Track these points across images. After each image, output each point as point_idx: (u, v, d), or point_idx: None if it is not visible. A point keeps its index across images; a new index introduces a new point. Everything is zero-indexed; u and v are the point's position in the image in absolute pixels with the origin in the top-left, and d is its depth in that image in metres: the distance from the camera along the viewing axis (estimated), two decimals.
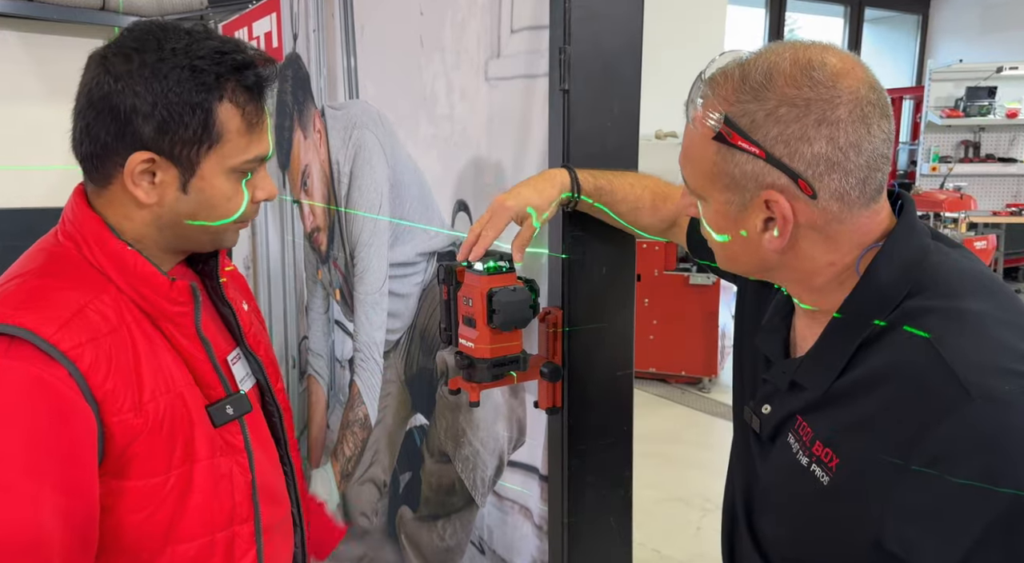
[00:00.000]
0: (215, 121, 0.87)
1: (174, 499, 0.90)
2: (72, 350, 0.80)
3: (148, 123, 0.85)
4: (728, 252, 0.83)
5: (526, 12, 1.20)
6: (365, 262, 1.78)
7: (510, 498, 1.39)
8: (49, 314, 0.81)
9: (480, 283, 1.06)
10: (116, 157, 0.87)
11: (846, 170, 0.72)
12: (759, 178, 0.73)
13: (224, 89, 0.88)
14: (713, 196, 0.78)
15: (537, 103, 1.19)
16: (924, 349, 0.69)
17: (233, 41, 0.91)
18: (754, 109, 0.72)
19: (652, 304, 4.39)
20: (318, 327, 2.12)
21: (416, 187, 1.58)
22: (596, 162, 1.15)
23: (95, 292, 0.87)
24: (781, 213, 0.73)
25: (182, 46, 0.86)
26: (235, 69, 0.88)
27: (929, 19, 8.76)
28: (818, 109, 0.70)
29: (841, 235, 0.76)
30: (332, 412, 2.08)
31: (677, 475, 3.48)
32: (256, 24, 2.31)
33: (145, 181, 0.88)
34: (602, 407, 1.22)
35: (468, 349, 1.10)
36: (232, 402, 0.97)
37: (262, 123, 0.92)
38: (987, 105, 7.23)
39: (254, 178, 0.95)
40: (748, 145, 0.72)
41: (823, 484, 0.76)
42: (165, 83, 0.85)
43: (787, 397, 0.83)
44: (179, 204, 0.90)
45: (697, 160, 0.78)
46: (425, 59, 1.48)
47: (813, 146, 0.71)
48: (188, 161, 0.88)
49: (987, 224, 6.76)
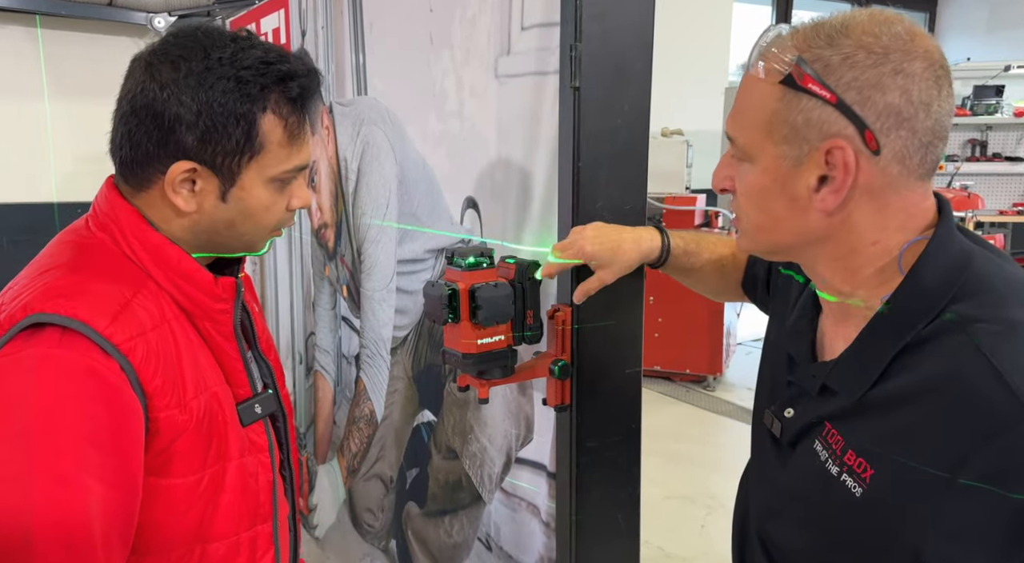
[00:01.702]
0: (258, 132, 0.87)
1: (207, 498, 0.90)
2: (124, 343, 0.80)
3: (192, 132, 0.85)
4: (765, 220, 0.77)
5: (537, 9, 1.20)
6: (372, 258, 1.79)
7: (518, 495, 1.40)
8: (100, 307, 0.80)
9: (461, 279, 1.07)
10: (157, 164, 0.87)
11: (913, 129, 0.69)
12: (823, 127, 0.69)
13: (268, 100, 0.87)
14: (765, 151, 0.74)
15: (547, 100, 1.19)
16: (975, 359, 0.66)
17: (277, 50, 0.90)
18: (828, 54, 0.69)
19: (657, 302, 4.38)
20: (325, 323, 2.12)
21: (425, 184, 1.58)
22: (606, 160, 1.15)
23: (136, 286, 0.86)
24: (844, 162, 0.69)
25: (228, 55, 0.86)
26: (279, 80, 0.88)
27: (936, 17, 8.72)
28: (896, 58, 0.67)
29: (891, 208, 0.72)
30: (339, 408, 2.08)
31: (682, 473, 3.49)
32: (264, 20, 2.31)
33: (185, 189, 0.88)
34: (611, 405, 1.22)
35: (453, 345, 1.10)
36: (260, 401, 0.98)
37: (304, 133, 0.92)
38: (994, 104, 7.20)
39: (291, 186, 0.95)
40: (819, 88, 0.68)
41: (855, 496, 0.72)
42: (211, 93, 0.84)
43: (814, 402, 0.80)
44: (218, 212, 0.90)
45: (754, 110, 0.74)
46: (434, 56, 1.48)
47: (887, 95, 0.67)
48: (229, 171, 0.88)
49: (994, 223, 6.74)
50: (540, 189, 1.24)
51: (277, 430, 1.08)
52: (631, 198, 1.19)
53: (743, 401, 4.35)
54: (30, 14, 4.05)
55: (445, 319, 1.08)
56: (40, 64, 4.15)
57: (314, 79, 0.92)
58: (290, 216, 0.97)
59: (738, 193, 0.80)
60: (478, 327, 1.08)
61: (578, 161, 1.13)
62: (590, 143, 1.13)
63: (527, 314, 1.14)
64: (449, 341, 1.12)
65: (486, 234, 1.40)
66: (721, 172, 0.82)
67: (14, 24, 4.08)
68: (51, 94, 4.26)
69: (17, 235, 4.04)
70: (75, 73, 4.23)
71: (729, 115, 0.79)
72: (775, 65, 0.71)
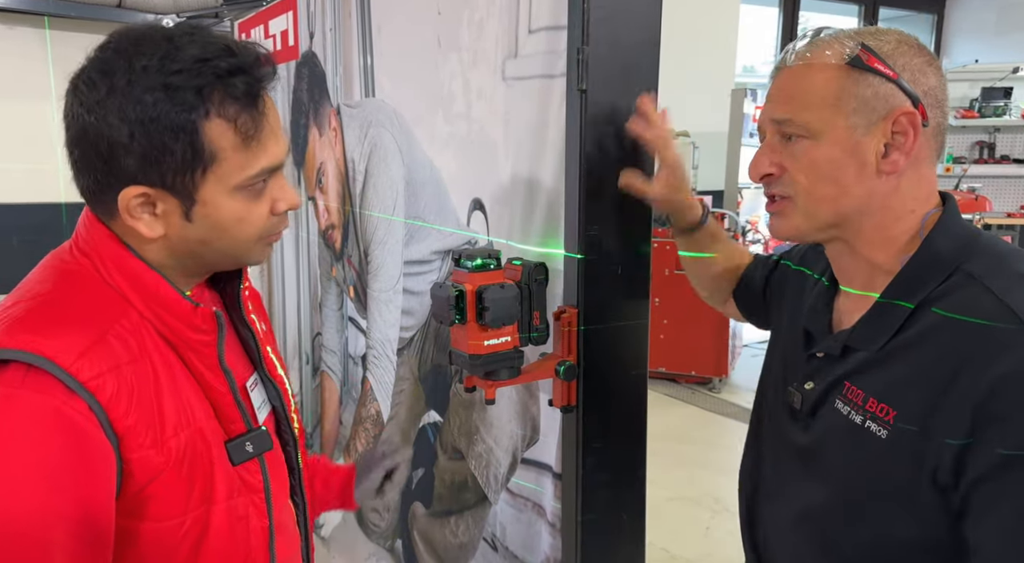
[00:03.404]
0: (204, 142, 0.77)
1: (189, 543, 0.83)
2: (92, 380, 0.74)
3: (130, 155, 0.76)
4: (832, 189, 0.85)
5: (544, 12, 1.20)
6: (379, 259, 1.80)
7: (523, 495, 1.40)
8: (68, 340, 0.74)
9: (468, 280, 1.08)
10: (111, 191, 0.79)
11: (944, 111, 0.83)
12: (889, 99, 0.81)
13: (210, 103, 0.77)
14: (835, 124, 0.83)
15: (554, 103, 1.19)
16: (988, 299, 0.76)
17: (219, 43, 0.79)
18: (879, 44, 0.82)
19: (663, 304, 4.38)
20: (331, 324, 2.13)
21: (432, 185, 1.58)
22: (613, 162, 1.15)
23: (115, 316, 0.79)
24: (912, 124, 0.80)
25: (155, 62, 0.75)
26: (218, 77, 0.77)
27: (944, 19, 8.69)
28: (926, 54, 0.82)
29: (924, 180, 0.84)
30: (345, 408, 2.09)
31: (687, 475, 3.48)
32: (272, 22, 2.32)
33: (146, 214, 0.80)
34: (617, 406, 1.22)
35: (460, 346, 1.11)
36: (252, 439, 0.89)
37: (261, 132, 0.81)
38: (1002, 106, 7.18)
39: (269, 189, 0.85)
40: (884, 67, 0.80)
41: (881, 438, 0.80)
42: (139, 109, 0.75)
43: (833, 367, 0.88)
44: (187, 232, 0.82)
45: (818, 91, 0.84)
46: (442, 58, 1.48)
47: (930, 79, 0.82)
48: (184, 188, 0.79)
49: (1001, 225, 6.72)
50: (547, 191, 1.24)
51: (288, 456, 1.01)
52: (637, 200, 1.19)
53: (749, 403, 4.31)
54: (39, 15, 4.08)
55: (452, 320, 1.08)
56: (48, 65, 4.17)
57: (264, 69, 0.81)
58: (280, 220, 0.88)
59: (796, 171, 0.87)
60: (485, 328, 1.08)
61: (585, 163, 1.13)
62: (597, 145, 1.13)
63: (533, 315, 1.15)
64: (456, 342, 1.13)
65: (492, 236, 1.40)
66: (764, 159, 0.89)
67: (23, 25, 4.11)
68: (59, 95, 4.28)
69: (26, 235, 4.07)
70: None
71: (777, 102, 0.88)
72: (842, 49, 0.83)
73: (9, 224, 4.07)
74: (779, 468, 0.98)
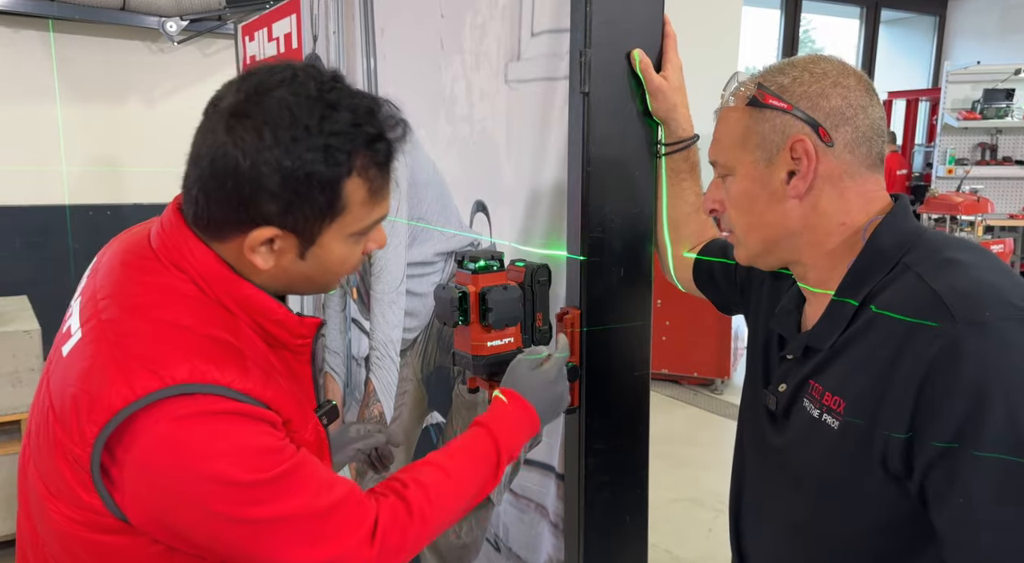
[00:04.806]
0: (341, 196, 0.84)
1: None
2: (262, 394, 0.81)
3: (275, 202, 0.81)
4: (751, 218, 0.92)
5: (546, 15, 1.21)
6: (382, 261, 1.80)
7: (526, 496, 1.41)
8: (227, 366, 0.80)
9: (472, 282, 1.08)
10: (236, 225, 0.84)
11: (856, 125, 0.87)
12: (786, 129, 0.87)
13: (354, 164, 0.83)
14: (743, 160, 0.91)
15: (556, 105, 1.20)
16: (912, 283, 0.80)
17: (366, 104, 0.85)
18: (780, 79, 0.89)
19: (665, 305, 4.38)
20: (335, 325, 2.14)
21: (434, 187, 1.59)
22: (615, 164, 1.16)
23: (235, 333, 0.85)
24: (805, 151, 0.86)
25: (315, 121, 0.81)
26: (368, 143, 0.84)
27: (946, 20, 8.69)
28: (833, 76, 0.87)
29: (850, 192, 0.88)
30: (348, 409, 2.10)
31: (689, 476, 3.49)
32: (276, 25, 2.33)
33: (264, 249, 0.85)
34: (619, 407, 1.23)
35: (463, 347, 1.11)
36: (327, 412, 1.01)
37: (386, 187, 0.89)
38: (1005, 107, 7.17)
39: (369, 233, 0.92)
40: (777, 102, 0.88)
41: (834, 429, 0.84)
42: (297, 163, 0.80)
43: (800, 367, 0.92)
44: (295, 267, 0.88)
45: (730, 131, 0.92)
46: (445, 60, 1.49)
47: (831, 101, 0.86)
48: (309, 233, 0.85)
49: (1004, 227, 6.72)
50: (549, 193, 1.25)
51: None
52: (640, 201, 1.20)
53: None
54: (43, 19, 4.10)
55: (456, 321, 1.09)
56: (52, 68, 4.19)
57: (403, 132, 0.88)
58: (363, 258, 0.95)
59: (728, 206, 0.95)
60: (488, 329, 1.09)
61: (587, 165, 1.14)
62: (599, 147, 1.14)
63: (536, 317, 1.16)
64: (459, 343, 1.13)
65: (495, 237, 1.41)
66: (710, 196, 0.98)
67: (27, 29, 4.12)
68: (63, 97, 4.30)
69: (31, 237, 4.08)
70: (87, 76, 4.28)
71: (711, 145, 0.96)
72: (743, 92, 0.91)
73: (13, 226, 4.08)
74: (758, 470, 1.02)
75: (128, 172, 4.42)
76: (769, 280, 1.08)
